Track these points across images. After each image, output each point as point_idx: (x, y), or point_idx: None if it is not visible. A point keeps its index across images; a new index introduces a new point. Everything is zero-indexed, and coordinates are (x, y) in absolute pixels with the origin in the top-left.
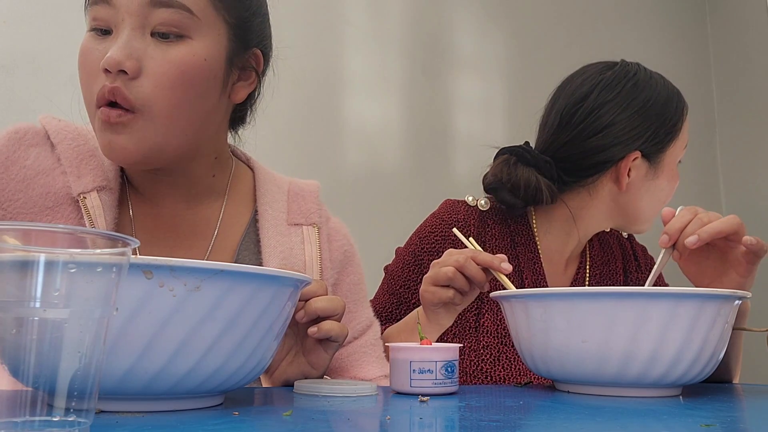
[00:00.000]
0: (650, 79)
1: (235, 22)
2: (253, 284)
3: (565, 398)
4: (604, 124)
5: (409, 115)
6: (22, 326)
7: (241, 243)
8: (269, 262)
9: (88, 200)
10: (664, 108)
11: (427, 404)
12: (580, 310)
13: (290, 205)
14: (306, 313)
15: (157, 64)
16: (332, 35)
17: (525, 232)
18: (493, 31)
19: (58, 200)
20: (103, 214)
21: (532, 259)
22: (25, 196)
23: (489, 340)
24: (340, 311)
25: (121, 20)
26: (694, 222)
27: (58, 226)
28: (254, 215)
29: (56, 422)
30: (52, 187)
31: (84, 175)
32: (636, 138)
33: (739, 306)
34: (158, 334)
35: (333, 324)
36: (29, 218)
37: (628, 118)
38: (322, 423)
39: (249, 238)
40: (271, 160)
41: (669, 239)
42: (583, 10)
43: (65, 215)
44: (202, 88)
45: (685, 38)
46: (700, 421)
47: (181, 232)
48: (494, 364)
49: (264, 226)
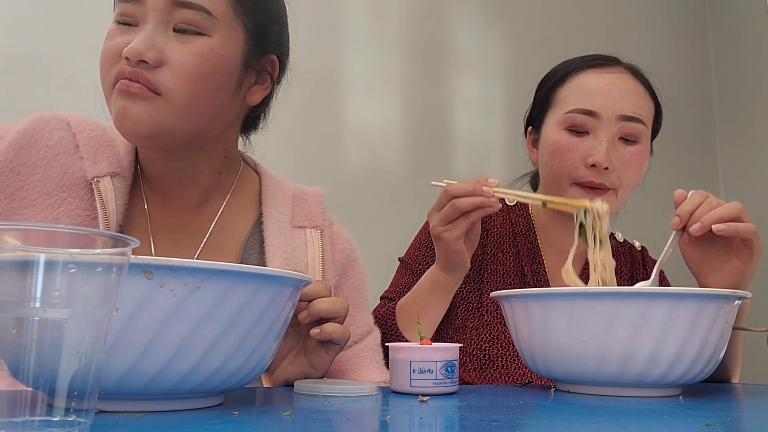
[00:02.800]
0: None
1: (254, 27)
2: (253, 284)
3: (565, 398)
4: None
5: (409, 116)
6: (22, 326)
7: (246, 243)
8: (272, 262)
9: (102, 184)
10: (540, 86)
11: (427, 404)
12: (580, 310)
13: (294, 209)
14: (309, 314)
15: (178, 54)
16: (333, 36)
17: (525, 224)
18: (493, 31)
19: (74, 181)
20: (114, 198)
21: (532, 250)
22: (44, 172)
23: (489, 318)
24: (343, 313)
25: (147, 15)
26: (703, 206)
27: (58, 226)
28: (259, 217)
29: (56, 422)
30: (69, 168)
31: (99, 161)
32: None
33: (739, 306)
34: (158, 334)
35: (336, 326)
36: (45, 193)
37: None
38: (322, 423)
39: (254, 238)
40: (271, 160)
41: (680, 221)
42: (582, 10)
43: (79, 195)
44: (217, 82)
45: (685, 38)
46: (700, 421)
47: (186, 227)
48: (493, 343)
49: (268, 228)
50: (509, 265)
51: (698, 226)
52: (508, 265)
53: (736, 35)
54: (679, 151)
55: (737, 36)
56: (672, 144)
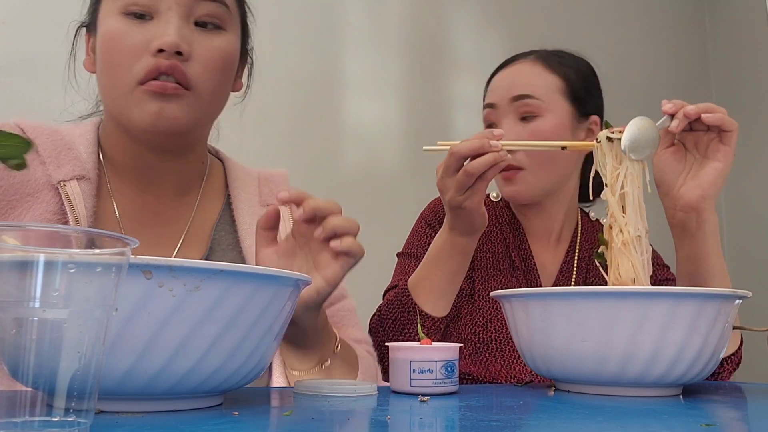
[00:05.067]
0: None
1: (242, 20)
2: (252, 284)
3: (565, 398)
4: None
5: (408, 116)
6: (21, 326)
7: (217, 224)
8: (245, 239)
9: (68, 187)
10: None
11: (427, 404)
12: (580, 309)
13: (261, 189)
14: (324, 229)
15: (205, 49)
16: (331, 36)
17: (508, 214)
18: (492, 31)
19: (38, 187)
20: (83, 201)
21: (518, 237)
22: (7, 183)
23: (481, 303)
24: (355, 231)
25: (167, 8)
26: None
27: (58, 226)
28: (227, 199)
29: (56, 422)
30: (32, 175)
31: (63, 165)
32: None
33: (739, 306)
34: (158, 334)
35: (354, 240)
36: (11, 203)
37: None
38: (322, 423)
39: (224, 219)
40: (270, 161)
41: (674, 106)
42: (581, 11)
43: (46, 200)
44: (231, 75)
45: (684, 38)
46: (700, 421)
47: (166, 219)
48: (486, 327)
49: (238, 207)
50: (498, 252)
51: (693, 107)
52: (497, 252)
53: (735, 37)
54: None
55: (736, 36)
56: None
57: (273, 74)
